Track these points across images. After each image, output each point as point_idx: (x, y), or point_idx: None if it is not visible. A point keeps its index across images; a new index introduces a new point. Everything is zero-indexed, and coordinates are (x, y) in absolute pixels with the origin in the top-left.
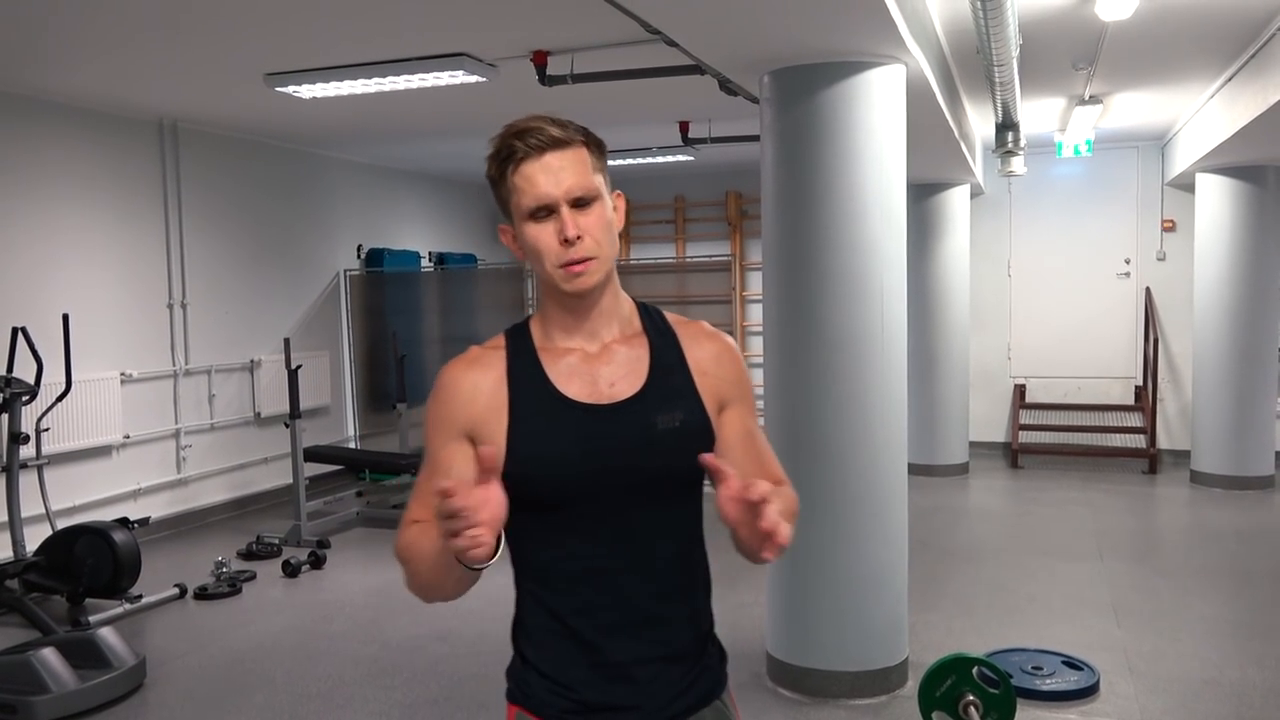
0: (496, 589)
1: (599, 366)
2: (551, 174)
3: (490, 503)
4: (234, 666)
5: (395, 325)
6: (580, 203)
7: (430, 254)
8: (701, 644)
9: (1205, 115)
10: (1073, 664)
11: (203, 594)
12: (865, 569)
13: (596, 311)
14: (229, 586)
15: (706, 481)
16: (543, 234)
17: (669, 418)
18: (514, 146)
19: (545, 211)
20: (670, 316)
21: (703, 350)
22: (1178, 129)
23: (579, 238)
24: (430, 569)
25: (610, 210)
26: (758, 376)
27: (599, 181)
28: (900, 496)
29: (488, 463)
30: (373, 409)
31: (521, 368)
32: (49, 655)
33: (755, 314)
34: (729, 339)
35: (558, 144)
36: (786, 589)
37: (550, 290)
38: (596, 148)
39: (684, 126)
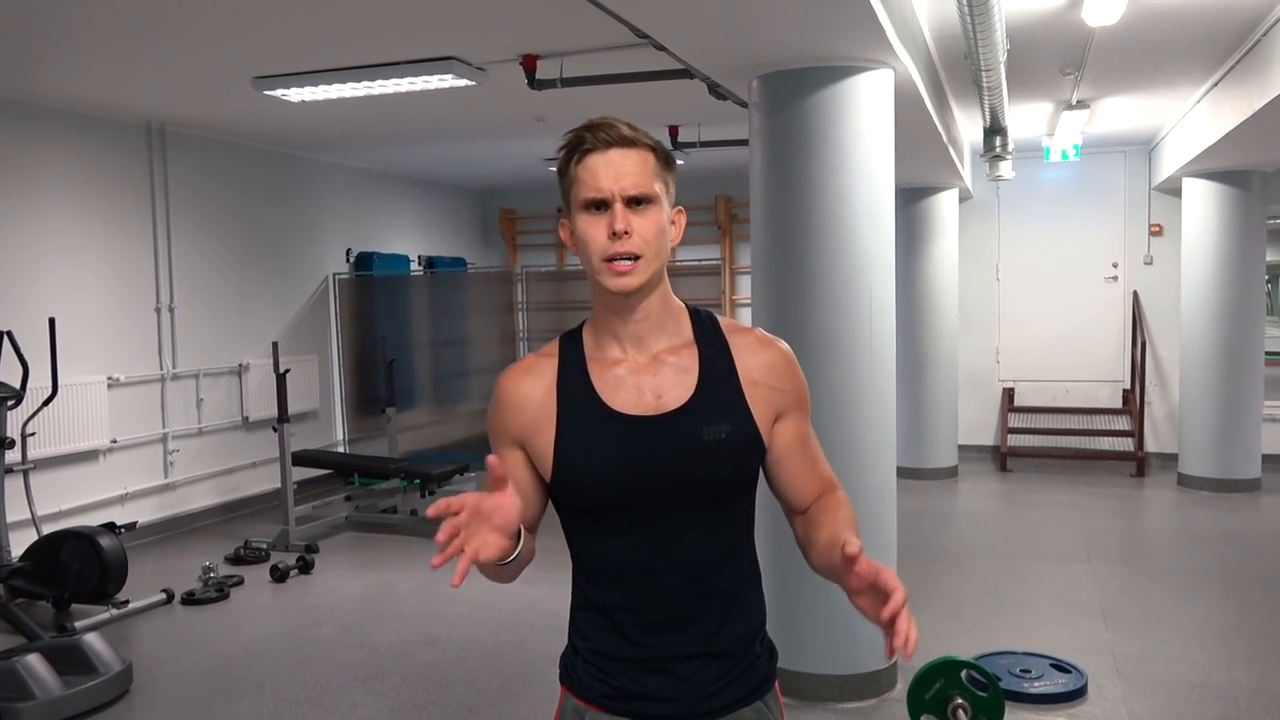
0: (484, 595)
1: (646, 377)
2: (612, 168)
3: (502, 509)
4: (221, 672)
5: (384, 329)
6: (636, 202)
7: (420, 257)
8: (746, 643)
9: (1191, 120)
10: (1061, 667)
11: (190, 599)
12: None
13: (644, 316)
14: (216, 592)
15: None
16: (593, 226)
17: (715, 429)
18: (583, 138)
19: (601, 205)
20: (724, 322)
21: (755, 360)
22: (1164, 134)
23: (627, 233)
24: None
25: (666, 218)
26: None
27: (659, 188)
28: (889, 500)
29: (495, 472)
30: (362, 413)
31: (570, 378)
32: (34, 661)
33: (745, 317)
34: (784, 346)
35: (625, 142)
36: (776, 593)
37: (598, 291)
38: (664, 158)
39: (673, 130)
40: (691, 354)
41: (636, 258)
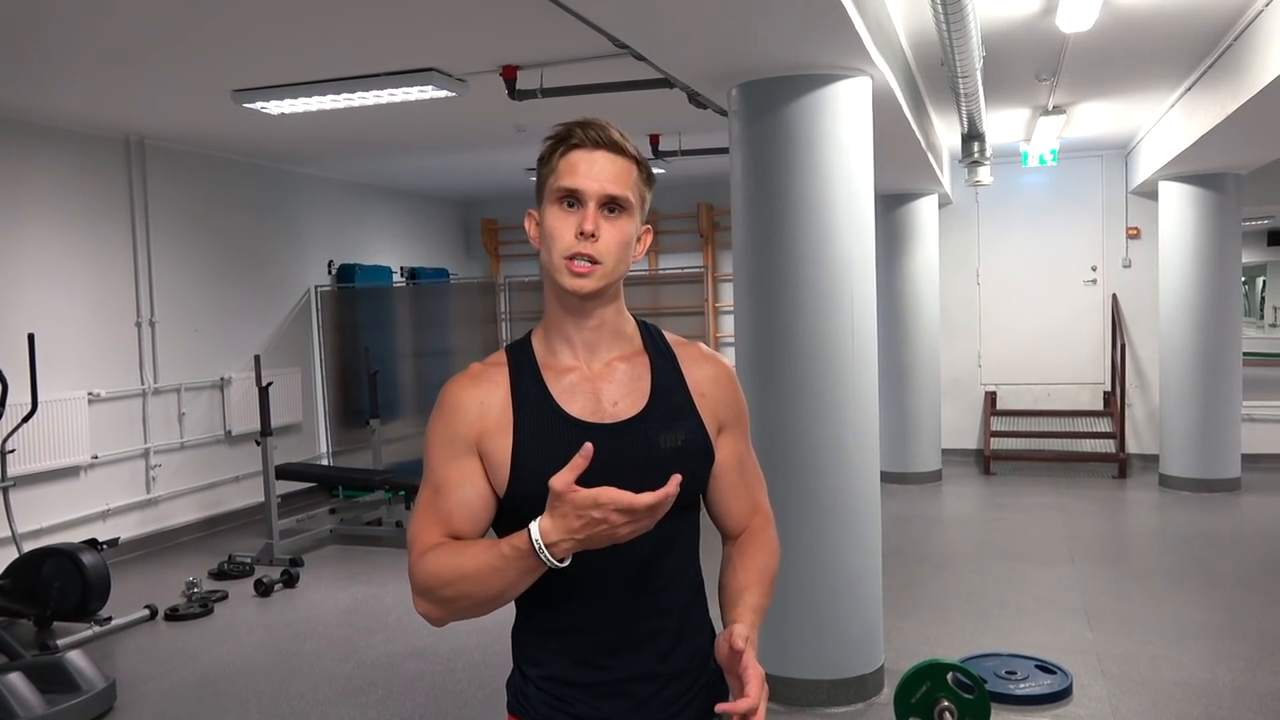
0: None
1: (601, 385)
2: (595, 168)
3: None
4: (206, 688)
5: (367, 341)
6: (610, 206)
7: (402, 269)
8: (701, 660)
9: (1166, 124)
10: (1046, 668)
11: (174, 615)
12: (840, 577)
13: (599, 323)
14: (200, 607)
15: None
16: (562, 221)
17: (671, 437)
18: (572, 132)
19: (575, 201)
20: (669, 336)
21: (701, 372)
22: (1140, 138)
23: (594, 236)
24: (484, 584)
25: (635, 231)
26: None
27: (634, 199)
28: (873, 504)
29: (588, 457)
30: (345, 425)
31: (525, 385)
32: (16, 680)
33: (728, 325)
34: (727, 362)
35: (613, 146)
36: None
37: (554, 292)
38: (646, 173)
39: (654, 139)
40: (643, 362)
41: (596, 262)
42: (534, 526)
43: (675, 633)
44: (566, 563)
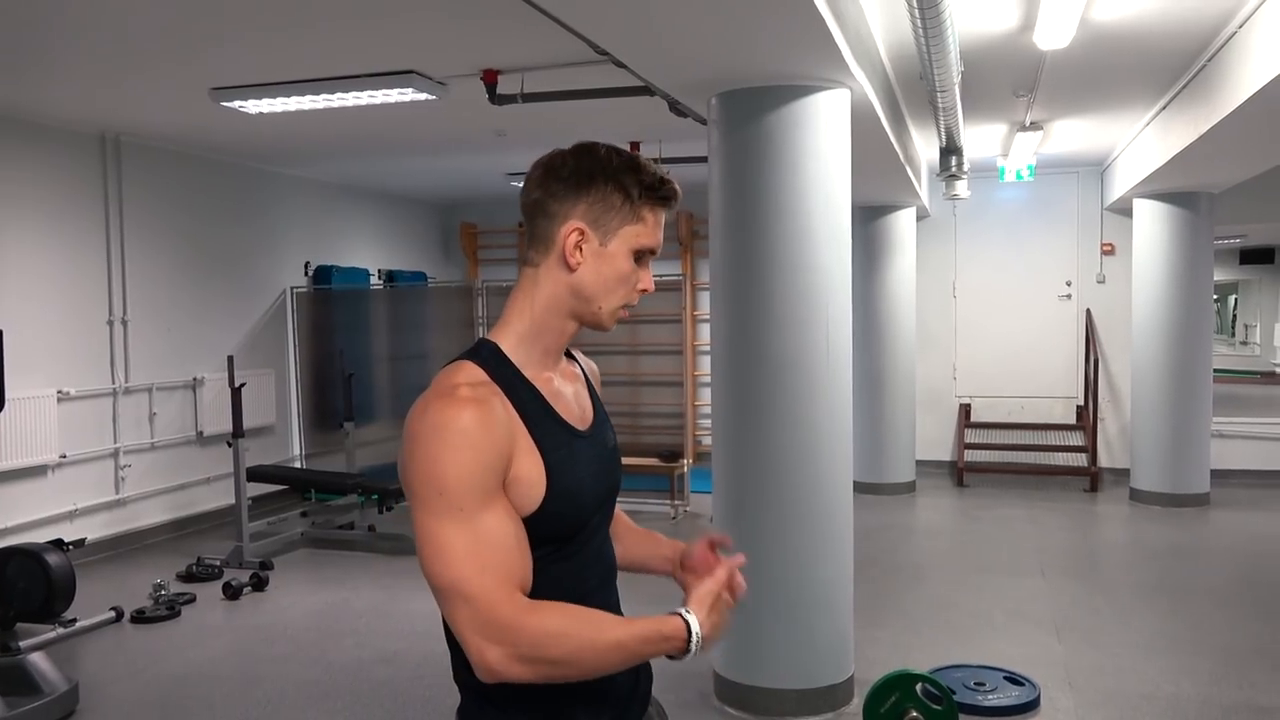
0: (440, 613)
1: (568, 393)
2: (663, 230)
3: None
4: (171, 692)
5: (343, 343)
6: None
7: (379, 271)
8: None
9: (1141, 143)
10: (1014, 679)
11: (140, 617)
12: (811, 587)
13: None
14: (167, 609)
15: None
16: (634, 274)
17: (611, 436)
18: (669, 191)
19: (646, 257)
20: None
21: (592, 371)
22: (1115, 155)
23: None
24: (604, 659)
25: None
26: (705, 395)
27: None
28: (846, 514)
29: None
30: (319, 428)
31: (526, 401)
32: None
33: (705, 334)
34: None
35: (673, 207)
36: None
37: (571, 311)
38: None
39: (634, 147)
40: (576, 369)
41: None
42: (692, 620)
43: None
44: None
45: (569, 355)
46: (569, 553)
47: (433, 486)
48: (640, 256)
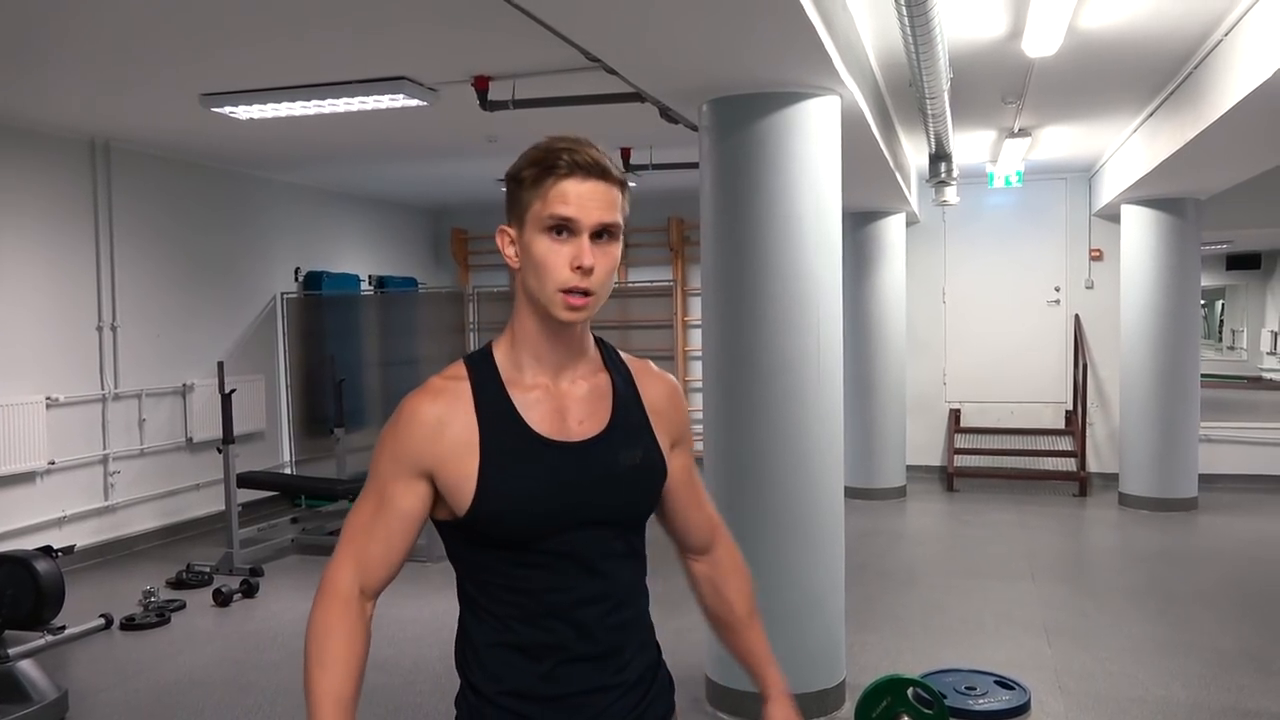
0: (433, 618)
1: (567, 403)
2: (587, 199)
3: None
4: (161, 699)
5: (334, 349)
6: (600, 235)
7: (370, 277)
8: (652, 671)
9: (1128, 149)
10: (1005, 684)
11: (130, 624)
12: (803, 592)
13: (572, 343)
14: (157, 616)
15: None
16: (555, 253)
17: (631, 455)
18: (561, 160)
19: (566, 231)
20: (623, 354)
21: (655, 390)
22: (1103, 162)
23: (591, 269)
24: (315, 667)
25: (619, 255)
26: (696, 401)
27: (621, 223)
28: (837, 519)
29: None
30: (309, 434)
31: (490, 402)
32: None
33: (697, 339)
34: (674, 380)
35: (604, 175)
36: None
37: (534, 310)
38: (626, 193)
39: (625, 152)
40: (605, 381)
41: (590, 294)
42: None
43: (632, 646)
44: None
45: (612, 362)
46: (532, 561)
47: (374, 456)
48: (559, 231)
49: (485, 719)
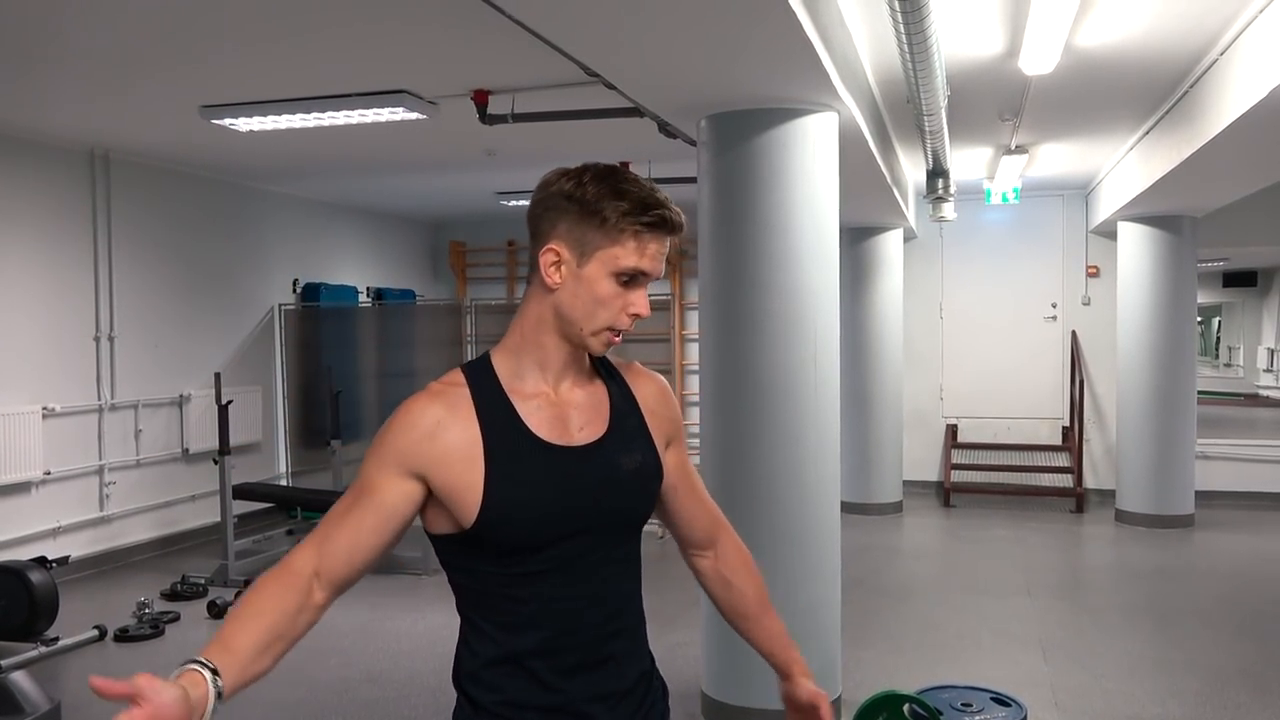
0: (428, 631)
1: (568, 409)
2: (659, 256)
3: None
4: None
5: (331, 361)
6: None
7: (368, 289)
8: (646, 680)
9: (1125, 167)
10: (1001, 700)
11: (124, 636)
12: (799, 607)
13: (579, 356)
14: (151, 628)
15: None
16: (616, 295)
17: (630, 459)
18: (654, 217)
19: (632, 280)
20: (611, 359)
21: (647, 390)
22: (1100, 179)
23: (639, 316)
24: (228, 617)
25: None
26: (693, 415)
27: None
28: (833, 535)
29: (129, 696)
30: (305, 446)
31: (492, 409)
32: None
33: (694, 353)
34: (663, 378)
35: (675, 232)
36: (721, 628)
37: (558, 328)
38: None
39: (624, 166)
40: (599, 386)
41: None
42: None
43: (628, 653)
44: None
45: (609, 371)
46: (533, 569)
47: (365, 455)
48: (627, 280)
49: None
